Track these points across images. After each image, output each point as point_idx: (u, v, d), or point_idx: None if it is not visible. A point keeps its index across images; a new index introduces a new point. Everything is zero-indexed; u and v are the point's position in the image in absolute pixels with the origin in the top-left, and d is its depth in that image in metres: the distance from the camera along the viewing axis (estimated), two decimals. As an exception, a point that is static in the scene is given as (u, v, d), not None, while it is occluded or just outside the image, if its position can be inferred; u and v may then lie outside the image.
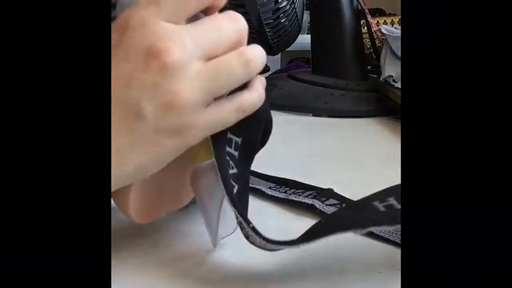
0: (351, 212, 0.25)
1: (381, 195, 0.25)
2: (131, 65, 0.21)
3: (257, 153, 0.27)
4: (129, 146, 0.22)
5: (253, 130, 0.26)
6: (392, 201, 0.24)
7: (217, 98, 0.23)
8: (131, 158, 0.22)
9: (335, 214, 0.26)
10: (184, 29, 0.22)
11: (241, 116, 0.24)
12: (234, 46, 0.23)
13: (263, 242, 0.23)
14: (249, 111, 0.24)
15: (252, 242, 0.24)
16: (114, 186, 0.23)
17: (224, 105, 0.23)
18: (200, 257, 0.27)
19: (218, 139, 0.24)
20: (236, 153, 0.25)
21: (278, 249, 0.24)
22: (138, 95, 0.21)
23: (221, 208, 0.26)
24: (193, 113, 0.22)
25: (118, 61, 0.22)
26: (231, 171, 0.25)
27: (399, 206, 0.24)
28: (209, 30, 0.23)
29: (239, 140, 0.25)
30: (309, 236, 0.23)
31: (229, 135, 0.25)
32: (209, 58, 0.23)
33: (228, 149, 0.25)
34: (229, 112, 0.23)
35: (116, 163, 0.21)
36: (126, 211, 0.26)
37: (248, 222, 0.24)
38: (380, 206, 0.24)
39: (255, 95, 0.24)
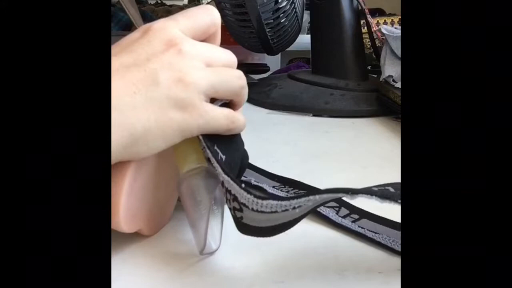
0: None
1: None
2: (153, 49, 0.26)
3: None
4: (143, 104, 0.24)
5: (234, 155, 0.29)
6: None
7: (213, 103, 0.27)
8: (142, 115, 0.24)
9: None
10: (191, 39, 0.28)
11: (230, 126, 0.27)
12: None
13: (254, 202, 0.23)
14: (236, 126, 0.28)
15: (240, 219, 0.24)
16: (119, 140, 0.23)
17: (218, 109, 0.27)
18: (201, 257, 0.27)
19: (209, 139, 0.26)
20: (221, 165, 0.26)
21: (269, 208, 0.23)
22: (156, 67, 0.25)
23: (208, 214, 0.25)
24: (197, 95, 0.26)
25: (140, 46, 0.26)
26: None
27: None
28: (209, 46, 0.28)
29: (224, 157, 0.27)
30: (298, 195, 0.23)
31: (216, 148, 0.27)
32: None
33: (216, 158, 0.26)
34: (222, 116, 0.27)
35: (131, 117, 0.24)
36: (114, 215, 0.25)
37: (239, 184, 0.24)
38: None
39: (242, 117, 0.29)
